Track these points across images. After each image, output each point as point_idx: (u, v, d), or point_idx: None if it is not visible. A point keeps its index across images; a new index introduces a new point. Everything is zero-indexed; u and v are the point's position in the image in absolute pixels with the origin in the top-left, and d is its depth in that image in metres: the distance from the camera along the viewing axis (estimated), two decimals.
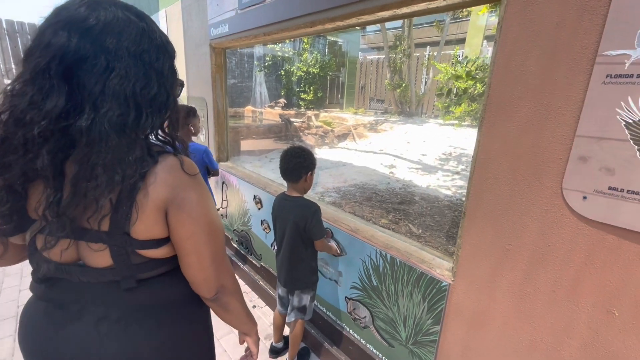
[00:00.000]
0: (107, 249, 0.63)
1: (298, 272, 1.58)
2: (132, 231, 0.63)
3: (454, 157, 4.70)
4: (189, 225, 0.66)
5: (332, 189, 3.39)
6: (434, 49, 9.29)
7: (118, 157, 0.57)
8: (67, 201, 0.58)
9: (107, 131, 0.56)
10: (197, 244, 0.68)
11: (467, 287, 1.21)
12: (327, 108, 10.82)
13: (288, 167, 1.50)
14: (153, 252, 0.67)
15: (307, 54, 9.67)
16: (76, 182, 0.57)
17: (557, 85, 0.89)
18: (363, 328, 1.67)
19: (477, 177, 1.12)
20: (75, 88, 0.56)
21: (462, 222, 1.19)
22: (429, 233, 2.15)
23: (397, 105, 9.34)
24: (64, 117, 0.55)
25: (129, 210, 0.60)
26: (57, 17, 0.56)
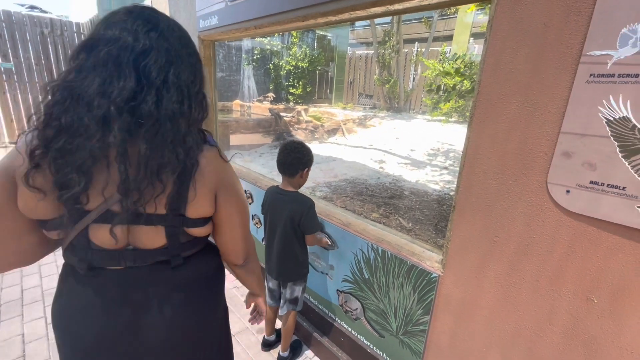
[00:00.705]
0: (162, 230, 0.71)
1: (291, 265, 1.60)
2: (187, 211, 0.71)
3: (442, 153, 4.79)
4: (232, 204, 0.78)
5: (323, 183, 3.41)
6: (422, 45, 9.39)
7: (178, 138, 0.65)
8: (136, 176, 0.63)
9: (169, 114, 0.64)
10: (236, 220, 0.80)
11: (456, 278, 1.25)
12: (316, 103, 10.79)
13: (286, 161, 1.50)
14: (199, 230, 0.77)
15: (296, 48, 9.61)
16: (147, 160, 0.63)
17: (544, 83, 0.93)
18: (354, 320, 1.70)
19: (467, 172, 1.15)
20: (142, 77, 0.62)
21: (451, 216, 1.23)
22: (418, 227, 2.20)
23: (386, 100, 9.41)
24: (133, 98, 0.61)
25: (187, 190, 0.68)
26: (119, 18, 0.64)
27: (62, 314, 0.75)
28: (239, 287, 2.36)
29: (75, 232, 0.68)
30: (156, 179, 0.64)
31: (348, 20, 1.72)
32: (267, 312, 1.77)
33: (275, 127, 5.60)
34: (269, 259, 1.65)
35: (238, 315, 2.08)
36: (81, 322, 0.73)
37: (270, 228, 1.60)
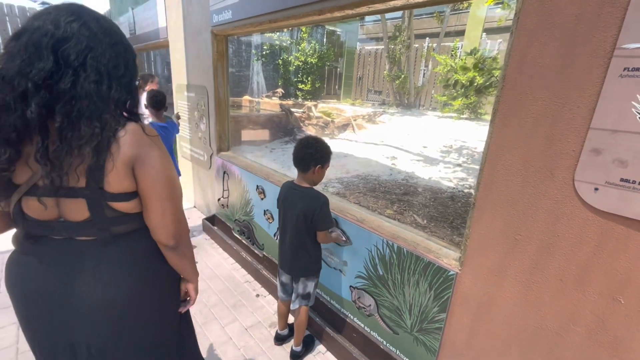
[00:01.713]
0: (84, 202, 0.76)
1: (303, 260, 1.59)
2: (105, 184, 0.76)
3: (454, 150, 4.72)
4: (151, 176, 0.80)
5: (335, 179, 3.39)
6: (433, 40, 9.25)
7: (95, 114, 0.72)
8: (55, 147, 0.70)
9: (85, 92, 0.71)
10: (158, 193, 0.82)
11: (474, 276, 1.23)
12: (325, 99, 10.75)
13: (297, 156, 1.50)
14: (124, 205, 0.81)
15: (305, 44, 9.56)
16: (61, 131, 0.70)
17: (574, 77, 0.90)
18: (367, 316, 1.70)
19: (488, 169, 1.13)
20: (60, 59, 0.70)
21: (471, 213, 1.21)
22: (433, 224, 2.17)
23: (396, 97, 9.32)
24: (50, 77, 0.69)
25: (104, 162, 0.73)
26: (47, 11, 0.73)
27: (8, 274, 0.84)
28: (250, 281, 2.37)
29: (12, 203, 0.76)
30: (74, 150, 0.70)
31: (366, 14, 1.70)
32: (279, 307, 1.78)
33: (286, 123, 5.59)
34: (282, 253, 1.65)
35: (250, 309, 2.09)
36: (18, 283, 0.83)
37: (283, 222, 1.60)
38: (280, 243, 1.66)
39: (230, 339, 1.85)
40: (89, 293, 0.80)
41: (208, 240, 3.00)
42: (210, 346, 1.78)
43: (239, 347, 1.79)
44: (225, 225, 3.00)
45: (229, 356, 1.73)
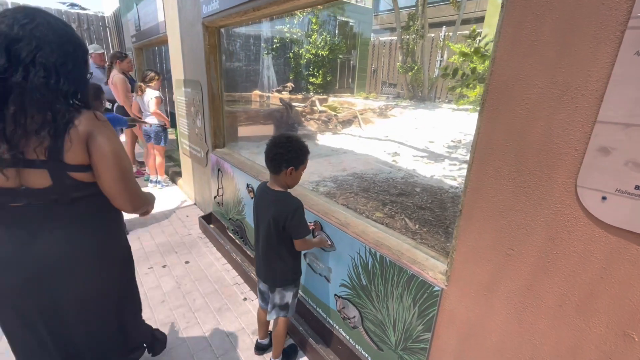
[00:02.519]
0: (46, 173, 0.91)
1: (278, 269, 1.45)
2: (65, 158, 0.91)
3: (463, 145, 4.41)
4: (100, 150, 0.95)
5: (329, 177, 3.22)
6: (450, 29, 8.80)
7: (46, 104, 0.85)
8: (11, 130, 0.83)
9: (35, 85, 0.83)
10: (108, 165, 0.97)
11: (461, 294, 1.07)
12: (337, 93, 10.53)
13: (267, 156, 1.33)
14: (82, 175, 0.97)
15: (316, 35, 9.34)
16: (15, 118, 0.83)
17: (577, 58, 0.72)
18: (352, 328, 1.56)
19: (476, 170, 0.96)
20: (13, 57, 0.82)
21: (458, 221, 1.04)
22: (426, 229, 1.98)
23: (409, 89, 8.97)
24: (4, 72, 0.81)
25: (63, 141, 0.88)
26: (4, 14, 0.84)
27: None
28: (239, 283, 2.28)
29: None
30: (31, 133, 0.85)
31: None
32: (259, 315, 1.67)
33: (287, 118, 5.44)
34: (257, 260, 1.53)
35: (235, 313, 2.00)
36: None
37: (256, 228, 1.47)
38: (255, 249, 1.53)
39: (210, 345, 1.76)
40: (48, 250, 0.98)
41: (203, 239, 2.94)
42: (187, 353, 1.70)
43: (218, 355, 1.70)
44: (221, 224, 2.93)
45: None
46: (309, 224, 1.69)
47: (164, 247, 2.76)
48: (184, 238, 2.95)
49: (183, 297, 2.14)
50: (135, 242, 2.84)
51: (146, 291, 2.18)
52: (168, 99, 7.55)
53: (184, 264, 2.53)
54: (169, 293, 2.17)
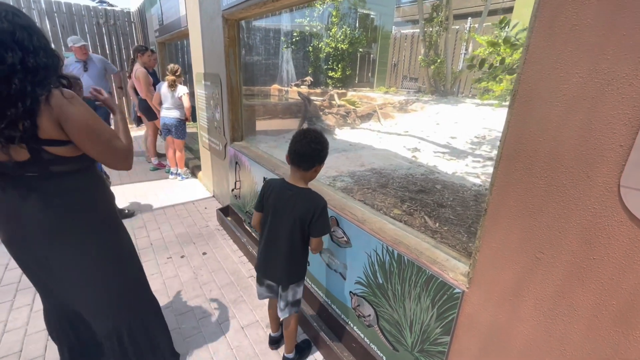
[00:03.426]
0: (25, 147, 0.99)
1: (296, 268, 1.43)
2: (40, 133, 0.99)
3: (487, 141, 4.20)
4: (74, 128, 1.03)
5: (347, 173, 3.16)
6: (475, 21, 8.45)
7: (27, 74, 0.95)
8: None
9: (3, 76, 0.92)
10: (83, 135, 1.05)
11: (484, 297, 1.01)
12: (357, 87, 10.38)
13: (305, 152, 1.28)
14: (59, 149, 1.05)
15: (336, 29, 9.21)
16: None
17: (625, 43, 0.64)
18: (367, 326, 1.53)
19: (504, 167, 0.90)
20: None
21: (482, 221, 0.98)
22: (447, 228, 1.90)
23: (431, 83, 8.71)
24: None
25: (36, 118, 0.97)
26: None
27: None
28: (255, 276, 2.29)
29: None
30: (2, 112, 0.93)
31: None
32: (271, 307, 1.66)
33: (305, 112, 5.40)
34: (269, 260, 1.45)
35: (250, 306, 2.01)
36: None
37: (271, 227, 1.41)
38: (266, 249, 1.45)
39: (225, 337, 1.78)
40: (33, 214, 1.09)
41: (220, 231, 2.98)
42: (202, 343, 1.73)
43: (232, 347, 1.72)
44: (238, 216, 2.95)
45: (220, 356, 1.66)
46: None
47: (183, 238, 2.82)
48: (202, 230, 2.99)
49: (200, 287, 2.17)
50: (155, 232, 2.91)
51: (165, 280, 2.23)
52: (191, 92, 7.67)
53: (201, 255, 2.57)
54: (187, 283, 2.21)
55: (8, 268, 2.31)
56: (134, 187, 3.97)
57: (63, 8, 6.85)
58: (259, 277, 1.52)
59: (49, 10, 6.73)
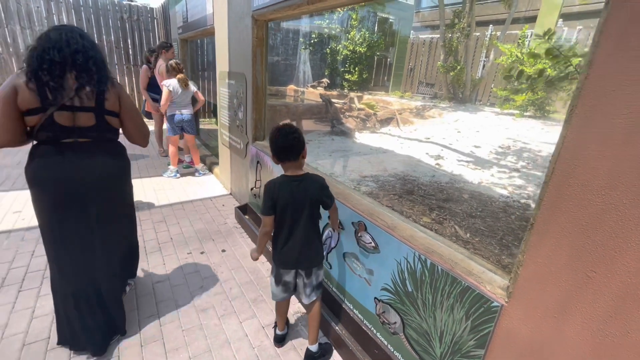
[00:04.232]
0: (92, 115, 1.44)
1: (315, 249, 1.55)
2: (105, 105, 1.46)
3: (513, 152, 4.14)
4: (125, 104, 1.55)
5: (370, 177, 3.15)
6: (497, 29, 8.35)
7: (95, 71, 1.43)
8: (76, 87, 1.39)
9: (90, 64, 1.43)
10: (130, 117, 1.58)
11: (525, 313, 1.00)
12: (372, 90, 10.36)
13: (289, 145, 1.42)
14: (112, 119, 1.52)
15: (354, 32, 9.21)
16: (77, 79, 1.39)
17: None
18: (392, 334, 1.52)
19: (557, 182, 0.88)
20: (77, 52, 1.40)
21: (527, 235, 0.97)
22: (478, 239, 1.88)
23: (449, 90, 8.63)
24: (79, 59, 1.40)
25: (104, 94, 1.46)
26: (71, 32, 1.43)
27: (38, 168, 1.40)
28: None
29: (45, 116, 1.35)
30: (85, 87, 1.40)
31: None
32: (281, 307, 1.68)
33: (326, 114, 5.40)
34: (291, 252, 1.52)
35: (270, 306, 2.02)
36: (50, 168, 1.40)
37: (289, 220, 1.47)
38: (283, 242, 1.52)
39: (246, 335, 1.79)
40: (98, 172, 1.48)
41: (238, 229, 3.00)
42: (225, 340, 1.74)
43: (254, 346, 1.72)
44: (256, 215, 2.96)
45: (242, 355, 1.67)
46: (353, 224, 1.67)
47: (202, 234, 2.84)
48: (220, 227, 3.02)
49: (220, 284, 2.19)
50: (175, 227, 2.94)
51: (185, 275, 2.26)
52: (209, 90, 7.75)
53: (220, 252, 2.59)
54: (207, 279, 2.23)
55: (34, 255, 2.36)
56: (151, 181, 4.03)
57: (89, 2, 7.02)
58: (279, 274, 1.58)
59: (76, 5, 6.90)
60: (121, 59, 7.57)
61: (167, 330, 1.78)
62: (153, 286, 2.13)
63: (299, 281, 1.59)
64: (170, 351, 1.65)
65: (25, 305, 1.89)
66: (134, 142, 1.64)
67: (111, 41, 7.41)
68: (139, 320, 1.84)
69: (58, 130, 1.37)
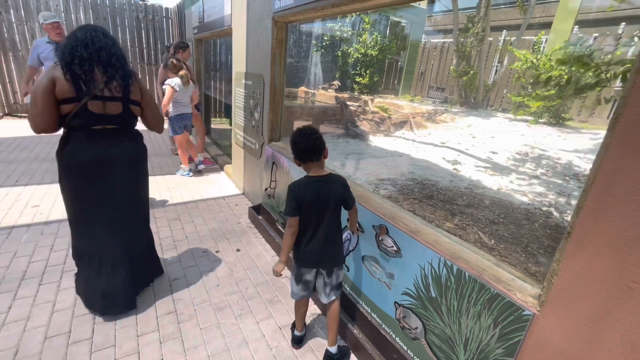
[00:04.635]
0: (120, 104, 1.64)
1: (340, 250, 1.58)
2: (130, 95, 1.67)
3: (531, 159, 4.09)
4: (145, 97, 1.77)
5: (388, 180, 3.14)
6: (510, 34, 8.29)
7: (118, 68, 1.62)
8: (105, 80, 1.59)
9: (115, 59, 1.62)
10: (149, 106, 1.80)
11: (559, 323, 0.98)
12: (382, 93, 10.35)
13: (311, 145, 1.44)
14: (136, 108, 1.73)
15: (366, 35, 9.22)
16: (105, 73, 1.58)
17: None
18: (412, 339, 1.51)
19: (598, 191, 0.87)
20: (104, 50, 1.60)
21: (564, 244, 0.95)
22: (503, 246, 1.86)
23: (461, 94, 8.58)
24: (104, 56, 1.59)
25: (129, 86, 1.67)
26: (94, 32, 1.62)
27: (73, 151, 1.60)
28: (289, 277, 2.30)
29: (80, 105, 1.54)
30: (113, 80, 1.60)
31: None
32: (300, 307, 1.68)
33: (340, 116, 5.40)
34: (311, 250, 1.52)
35: (286, 307, 2.02)
36: (84, 152, 1.60)
37: (317, 220, 1.49)
38: (309, 242, 1.52)
39: (264, 336, 1.79)
40: (124, 154, 1.71)
41: (252, 229, 3.01)
42: (242, 340, 1.74)
43: (272, 347, 1.72)
44: (270, 216, 2.97)
45: (260, 355, 1.67)
46: (374, 227, 1.67)
47: (216, 233, 2.86)
48: (234, 226, 3.03)
49: (236, 284, 2.20)
50: (189, 225, 2.96)
51: (202, 273, 2.27)
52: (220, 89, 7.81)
53: (235, 251, 2.60)
54: (223, 278, 2.24)
55: (53, 249, 2.40)
56: (164, 179, 4.07)
57: (107, 1, 7.14)
58: (300, 273, 1.59)
59: (93, 4, 7.02)
60: (136, 57, 7.67)
61: (185, 328, 1.79)
62: (170, 283, 2.15)
63: (319, 280, 1.61)
64: (189, 349, 1.66)
65: (46, 298, 1.92)
66: (151, 129, 1.86)
67: (126, 40, 7.52)
68: (158, 317, 1.85)
69: (90, 117, 1.56)
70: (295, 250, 1.57)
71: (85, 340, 1.66)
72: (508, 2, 8.87)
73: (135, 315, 1.86)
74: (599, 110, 5.67)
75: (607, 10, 5.00)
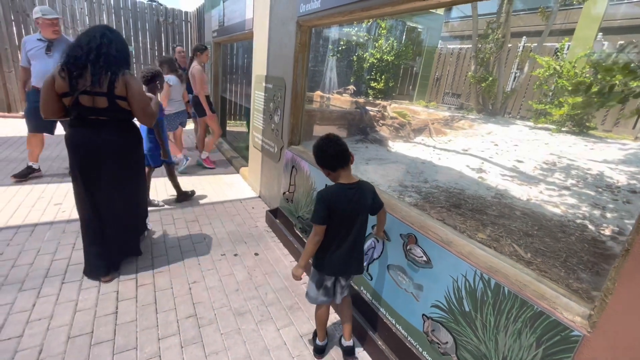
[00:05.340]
0: (105, 98, 1.84)
1: (361, 258, 1.58)
2: (115, 91, 1.85)
3: (559, 168, 3.96)
4: (132, 89, 1.89)
5: (412, 188, 3.08)
6: (531, 40, 8.14)
7: (104, 65, 1.82)
8: (93, 77, 1.81)
9: (103, 59, 1.84)
10: (134, 100, 1.91)
11: (612, 347, 0.92)
12: (396, 99, 10.28)
13: (341, 151, 1.43)
14: (122, 102, 1.90)
15: (382, 40, 9.19)
16: (93, 72, 1.80)
17: None
18: (442, 354, 1.45)
19: None
20: (95, 50, 1.84)
21: (621, 262, 0.89)
22: (540, 259, 1.78)
23: (479, 101, 8.44)
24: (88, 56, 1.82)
25: (114, 82, 1.84)
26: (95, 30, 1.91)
27: (70, 135, 1.89)
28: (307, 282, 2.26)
29: (73, 98, 1.80)
30: (101, 76, 1.80)
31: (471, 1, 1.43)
32: (322, 316, 1.65)
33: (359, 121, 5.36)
34: (338, 259, 1.50)
35: (307, 314, 1.98)
36: (76, 137, 1.89)
37: (348, 229, 1.47)
38: (336, 250, 1.50)
39: (285, 344, 1.75)
40: (107, 142, 1.91)
41: (269, 233, 2.99)
42: (264, 348, 1.71)
43: (294, 355, 1.69)
44: (287, 220, 2.95)
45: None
46: (401, 236, 1.62)
47: (234, 236, 2.85)
48: (251, 229, 3.02)
49: (255, 289, 2.17)
50: (207, 227, 2.96)
51: (221, 277, 2.26)
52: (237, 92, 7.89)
53: (253, 255, 2.58)
54: (242, 282, 2.22)
55: (75, 248, 2.42)
56: (181, 180, 4.09)
57: (129, 5, 7.31)
58: (322, 279, 1.57)
59: (116, 7, 7.21)
60: (155, 59, 7.82)
61: (205, 332, 1.77)
62: (190, 286, 2.13)
63: (337, 285, 1.62)
64: (211, 355, 1.64)
65: (68, 297, 1.93)
66: (140, 121, 2.04)
67: (146, 42, 7.68)
68: (178, 320, 1.84)
69: (82, 109, 1.84)
70: (319, 257, 1.54)
71: (108, 342, 1.66)
72: (528, 9, 8.73)
73: (155, 315, 1.85)
74: (625, 120, 5.49)
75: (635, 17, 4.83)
